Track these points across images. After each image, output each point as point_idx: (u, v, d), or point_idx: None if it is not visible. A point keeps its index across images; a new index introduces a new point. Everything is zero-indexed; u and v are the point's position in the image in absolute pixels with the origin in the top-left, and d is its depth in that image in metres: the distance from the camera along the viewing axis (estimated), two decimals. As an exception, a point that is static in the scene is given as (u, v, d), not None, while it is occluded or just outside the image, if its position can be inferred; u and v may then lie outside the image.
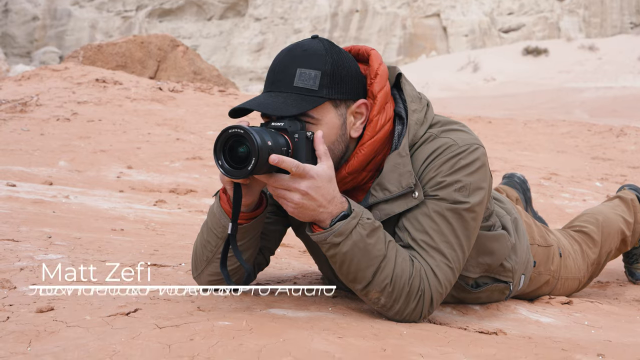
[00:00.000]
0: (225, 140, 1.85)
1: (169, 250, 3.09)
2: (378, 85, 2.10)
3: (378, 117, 2.08)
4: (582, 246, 3.03)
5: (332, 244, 1.94)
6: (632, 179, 8.71)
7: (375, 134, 2.07)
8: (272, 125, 1.95)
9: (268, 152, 1.82)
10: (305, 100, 1.97)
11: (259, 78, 54.84)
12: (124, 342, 1.62)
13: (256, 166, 1.80)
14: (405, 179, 2.05)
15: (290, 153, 1.93)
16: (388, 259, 1.96)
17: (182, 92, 12.97)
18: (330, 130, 2.02)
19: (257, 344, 1.64)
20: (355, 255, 1.94)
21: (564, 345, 1.98)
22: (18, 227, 3.27)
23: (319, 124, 2.00)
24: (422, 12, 54.69)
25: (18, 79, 13.33)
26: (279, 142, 1.88)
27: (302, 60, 2.00)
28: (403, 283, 1.98)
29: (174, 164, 7.48)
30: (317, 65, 2.00)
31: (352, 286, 2.03)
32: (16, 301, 1.99)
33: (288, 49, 2.05)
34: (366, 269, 1.96)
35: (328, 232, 1.92)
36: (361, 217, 1.94)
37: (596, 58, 44.42)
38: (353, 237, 1.92)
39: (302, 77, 1.98)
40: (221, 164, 1.86)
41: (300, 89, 1.98)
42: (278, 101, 1.96)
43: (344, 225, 1.91)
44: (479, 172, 2.10)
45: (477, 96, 34.60)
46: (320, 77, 1.99)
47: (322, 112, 2.01)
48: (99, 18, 59.64)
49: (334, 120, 2.03)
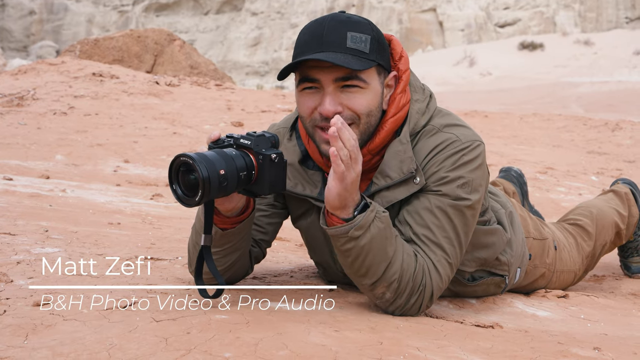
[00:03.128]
0: (177, 167, 1.85)
1: (166, 243, 3.09)
2: (403, 66, 2.12)
3: (400, 96, 2.10)
4: (577, 239, 3.03)
5: (350, 238, 1.92)
6: (627, 173, 8.72)
7: (397, 111, 2.08)
8: (240, 142, 1.93)
9: (219, 182, 1.80)
10: (360, 61, 1.96)
11: (255, 72, 54.82)
12: (120, 336, 1.62)
13: (204, 196, 1.79)
14: (406, 165, 2.05)
15: (255, 174, 1.91)
16: (397, 253, 1.96)
17: (178, 86, 12.95)
18: (374, 96, 2.03)
19: (254, 338, 1.64)
20: (372, 249, 1.93)
21: (560, 338, 1.98)
22: (15, 220, 3.27)
23: (367, 89, 2.00)
24: (418, 7, 54.68)
25: (15, 73, 13.30)
26: (236, 167, 1.86)
27: (351, 25, 1.99)
28: (408, 278, 1.98)
29: (171, 158, 7.47)
30: (366, 30, 2.00)
31: (360, 281, 2.02)
32: (13, 295, 1.99)
33: (329, 16, 2.01)
34: (379, 264, 1.95)
35: (350, 225, 1.90)
36: (377, 209, 1.93)
37: (592, 53, 44.50)
38: (372, 230, 1.91)
39: (354, 39, 1.96)
40: (175, 188, 1.86)
41: (353, 50, 1.96)
42: (338, 57, 1.93)
43: (364, 217, 1.90)
44: (480, 169, 2.11)
45: (473, 91, 34.62)
46: (370, 41, 1.99)
47: (371, 76, 2.01)
48: (95, 12, 59.54)
49: (377, 87, 2.04)
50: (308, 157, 2.21)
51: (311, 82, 2.00)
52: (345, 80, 1.97)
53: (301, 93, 2.04)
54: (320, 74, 1.97)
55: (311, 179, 2.19)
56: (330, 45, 1.95)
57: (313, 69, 1.98)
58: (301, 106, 2.06)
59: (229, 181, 1.83)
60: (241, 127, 9.70)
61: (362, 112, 2.00)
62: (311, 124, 2.04)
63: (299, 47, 2.02)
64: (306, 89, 2.02)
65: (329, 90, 1.98)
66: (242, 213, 2.08)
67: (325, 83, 1.98)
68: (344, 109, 1.99)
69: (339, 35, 1.96)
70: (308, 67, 1.99)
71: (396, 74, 2.10)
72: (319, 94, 2.00)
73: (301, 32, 2.05)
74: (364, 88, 1.99)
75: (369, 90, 2.00)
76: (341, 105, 1.99)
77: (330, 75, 1.96)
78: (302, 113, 2.07)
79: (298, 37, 2.05)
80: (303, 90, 2.03)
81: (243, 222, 2.07)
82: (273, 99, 13.36)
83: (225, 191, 1.84)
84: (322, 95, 1.99)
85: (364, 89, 1.99)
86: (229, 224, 2.06)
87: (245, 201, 2.07)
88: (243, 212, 2.08)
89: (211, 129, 9.40)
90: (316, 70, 1.97)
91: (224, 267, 2.15)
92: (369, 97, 2.01)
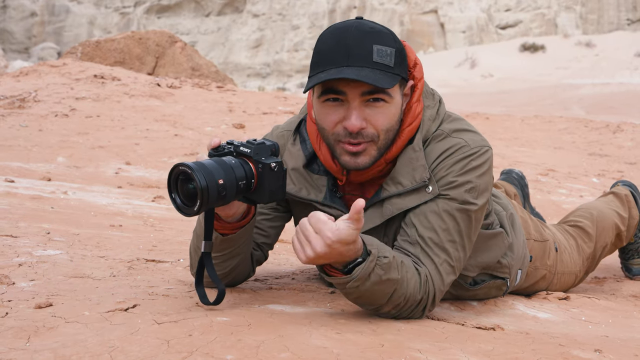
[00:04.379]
0: (176, 176, 1.85)
1: (168, 246, 3.09)
2: (418, 74, 2.10)
3: (416, 104, 2.09)
4: (578, 240, 3.04)
5: (350, 287, 1.89)
6: (628, 175, 8.72)
7: (413, 120, 2.08)
8: (240, 150, 1.92)
9: (217, 191, 1.79)
10: (387, 76, 1.94)
11: (257, 74, 54.84)
12: (122, 338, 1.63)
13: (202, 206, 1.79)
14: (419, 173, 2.05)
15: (254, 183, 1.90)
16: (401, 281, 1.95)
17: (180, 88, 12.95)
18: (396, 110, 2.02)
19: (256, 340, 1.64)
20: (374, 291, 1.91)
21: (562, 340, 1.99)
22: (16, 222, 3.27)
23: (392, 103, 1.99)
24: (419, 9, 54.70)
25: (16, 75, 13.30)
26: (235, 176, 1.85)
27: (375, 37, 1.95)
28: (414, 296, 1.99)
29: (172, 160, 7.47)
30: (390, 42, 1.97)
31: (364, 307, 2.02)
32: (15, 297, 2.00)
33: (353, 24, 1.97)
34: (383, 298, 1.94)
35: (348, 278, 1.86)
36: (378, 257, 1.88)
37: (593, 54, 44.51)
38: (372, 278, 1.87)
39: (379, 53, 1.94)
40: (174, 197, 1.86)
41: (379, 64, 1.93)
42: (366, 73, 1.90)
43: (363, 270, 1.85)
44: (487, 174, 2.11)
45: (475, 92, 34.61)
46: (395, 54, 1.97)
47: (395, 90, 2.00)
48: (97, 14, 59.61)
49: (399, 99, 2.03)
50: (313, 161, 2.20)
51: (336, 94, 1.97)
52: (371, 94, 1.95)
53: (323, 104, 2.01)
54: (347, 87, 1.95)
55: (316, 183, 2.18)
56: (357, 60, 1.92)
57: (340, 81, 1.95)
58: (323, 118, 2.02)
59: (228, 190, 1.83)
60: (242, 129, 9.70)
61: (382, 129, 1.99)
62: (334, 137, 2.02)
63: (323, 55, 1.97)
64: (329, 100, 2.00)
65: (355, 105, 1.96)
66: (243, 218, 2.07)
67: (352, 97, 1.96)
68: (367, 125, 1.98)
69: (365, 49, 1.93)
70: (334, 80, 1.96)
71: (413, 83, 2.09)
72: (342, 107, 1.98)
73: (322, 39, 2.01)
74: (389, 102, 1.98)
75: (392, 105, 2.00)
76: (365, 121, 1.97)
77: (358, 89, 1.94)
78: (323, 124, 2.03)
79: (319, 44, 2.01)
80: (325, 102, 2.00)
81: (244, 228, 2.07)
82: (275, 100, 13.35)
83: (224, 200, 1.84)
84: (348, 109, 1.97)
85: (389, 104, 1.98)
86: (229, 229, 2.06)
87: (246, 207, 2.06)
88: (244, 217, 2.07)
89: (212, 131, 9.40)
90: (343, 84, 1.95)
91: (225, 272, 2.15)
92: (392, 112, 2.00)
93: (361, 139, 1.99)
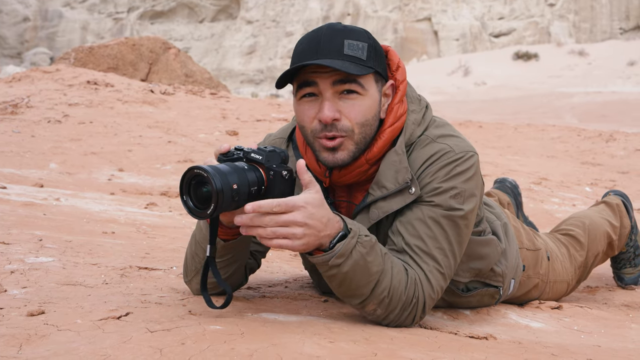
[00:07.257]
0: (190, 179, 1.84)
1: (160, 253, 3.09)
2: (400, 76, 2.14)
3: (398, 105, 2.11)
4: (570, 249, 3.05)
5: (332, 266, 1.90)
6: (621, 184, 8.75)
7: (395, 121, 2.10)
8: (251, 157, 1.91)
9: (231, 196, 1.79)
10: (358, 67, 1.98)
11: (250, 80, 54.85)
12: (115, 346, 1.62)
13: (216, 210, 1.78)
14: (401, 175, 2.06)
15: (264, 189, 1.90)
16: (385, 272, 1.95)
17: (173, 95, 12.96)
18: (372, 103, 2.04)
19: (249, 348, 1.64)
20: (355, 273, 1.91)
21: (554, 350, 1.99)
22: (8, 229, 3.26)
23: (366, 95, 2.01)
24: (413, 16, 54.85)
25: (9, 80, 13.29)
26: (248, 181, 1.85)
27: (347, 33, 2.01)
28: (399, 294, 1.98)
29: (166, 167, 7.47)
30: (362, 38, 2.02)
31: (349, 301, 2.01)
32: (7, 304, 1.99)
33: (325, 26, 2.04)
34: (365, 286, 1.94)
35: (329, 254, 1.87)
36: (359, 235, 1.91)
37: (586, 63, 44.69)
38: (354, 256, 1.89)
39: (350, 46, 1.98)
40: (186, 200, 1.85)
41: (350, 57, 1.98)
42: (336, 63, 1.95)
43: (344, 246, 1.87)
44: (473, 179, 2.11)
45: (468, 100, 34.70)
46: (367, 49, 2.01)
47: (369, 83, 2.03)
48: (90, 20, 59.56)
49: (375, 94, 2.05)
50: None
51: (309, 87, 2.01)
52: (343, 83, 1.98)
53: (300, 102, 2.05)
54: (318, 77, 1.99)
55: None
56: (328, 53, 1.97)
57: (311, 74, 1.99)
58: (301, 115, 2.06)
59: (240, 196, 1.82)
60: (236, 135, 9.70)
61: (357, 122, 2.01)
62: (312, 134, 2.05)
63: (296, 56, 2.03)
64: (305, 96, 2.03)
65: (328, 96, 1.99)
66: None
67: (324, 87, 1.99)
68: (341, 117, 2.00)
69: (336, 43, 1.98)
70: (305, 73, 2.00)
71: (393, 83, 2.12)
72: (317, 102, 2.02)
73: (298, 43, 2.07)
74: (363, 95, 2.01)
75: (367, 97, 2.02)
76: (339, 112, 2.00)
77: (329, 79, 1.98)
78: (302, 122, 2.07)
79: (295, 47, 2.07)
80: (302, 99, 2.04)
81: None
82: (268, 107, 13.38)
83: (236, 205, 1.84)
84: (321, 102, 2.00)
85: (363, 96, 2.01)
86: (230, 235, 2.06)
87: None
88: None
89: (206, 138, 9.40)
90: (314, 74, 1.99)
91: (223, 278, 2.15)
92: (367, 105, 2.02)
93: (336, 131, 2.01)
